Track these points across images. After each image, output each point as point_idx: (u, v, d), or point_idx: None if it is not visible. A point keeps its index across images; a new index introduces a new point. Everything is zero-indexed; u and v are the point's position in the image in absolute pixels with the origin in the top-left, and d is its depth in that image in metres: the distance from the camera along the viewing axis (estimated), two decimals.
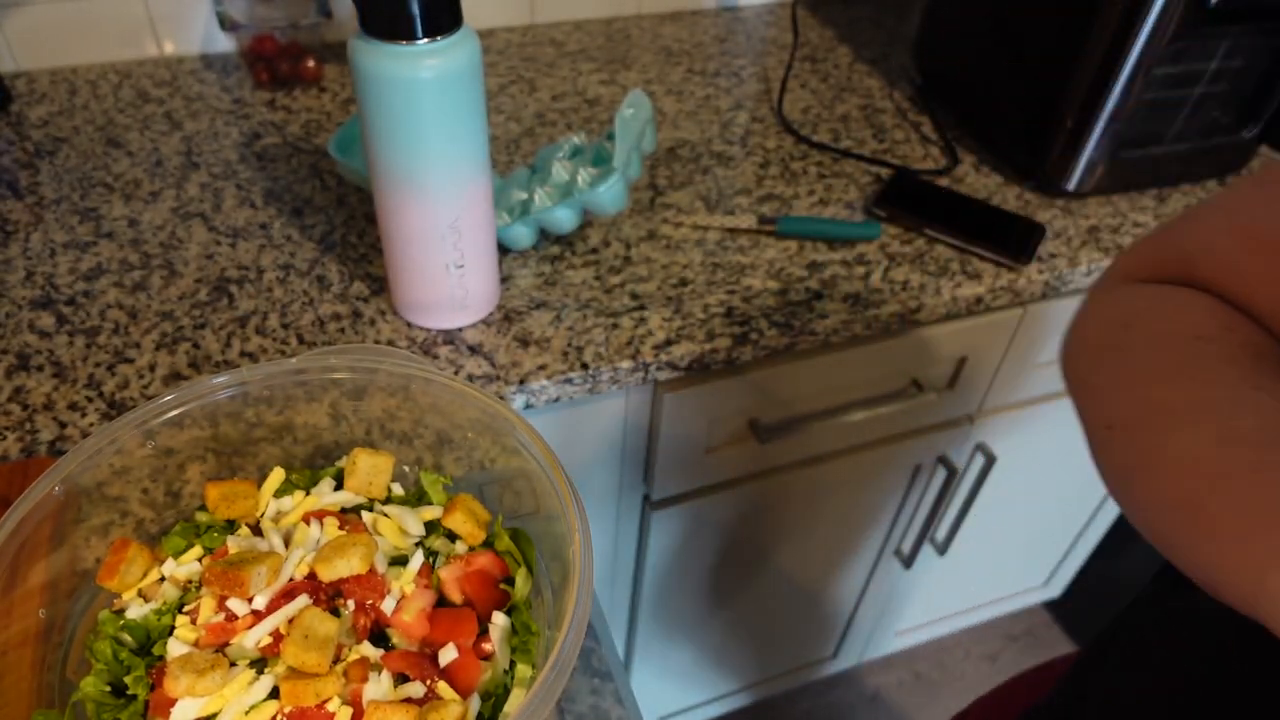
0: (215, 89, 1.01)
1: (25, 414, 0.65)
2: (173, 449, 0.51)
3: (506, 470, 0.51)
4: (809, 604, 1.26)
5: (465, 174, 0.64)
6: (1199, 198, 0.96)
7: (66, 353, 0.70)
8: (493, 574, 0.49)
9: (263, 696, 0.42)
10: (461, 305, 0.72)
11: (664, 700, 1.31)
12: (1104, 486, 0.42)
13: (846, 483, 1.03)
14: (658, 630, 1.14)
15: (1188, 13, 0.79)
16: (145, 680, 0.43)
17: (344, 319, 0.74)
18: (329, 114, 0.98)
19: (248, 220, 0.83)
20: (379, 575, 0.47)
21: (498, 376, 0.70)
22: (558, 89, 1.05)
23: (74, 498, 0.47)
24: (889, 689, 1.60)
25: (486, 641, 0.46)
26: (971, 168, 0.97)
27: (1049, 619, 1.70)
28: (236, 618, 0.45)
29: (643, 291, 0.78)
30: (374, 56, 0.57)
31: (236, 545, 0.48)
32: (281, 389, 0.52)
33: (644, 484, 0.91)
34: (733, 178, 0.93)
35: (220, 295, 0.75)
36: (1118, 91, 0.84)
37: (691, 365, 0.75)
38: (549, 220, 0.77)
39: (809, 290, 0.80)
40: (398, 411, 0.54)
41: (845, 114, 1.04)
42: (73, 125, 0.94)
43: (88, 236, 0.80)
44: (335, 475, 0.54)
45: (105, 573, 0.47)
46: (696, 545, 1.01)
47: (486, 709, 0.44)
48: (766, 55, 1.16)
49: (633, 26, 1.19)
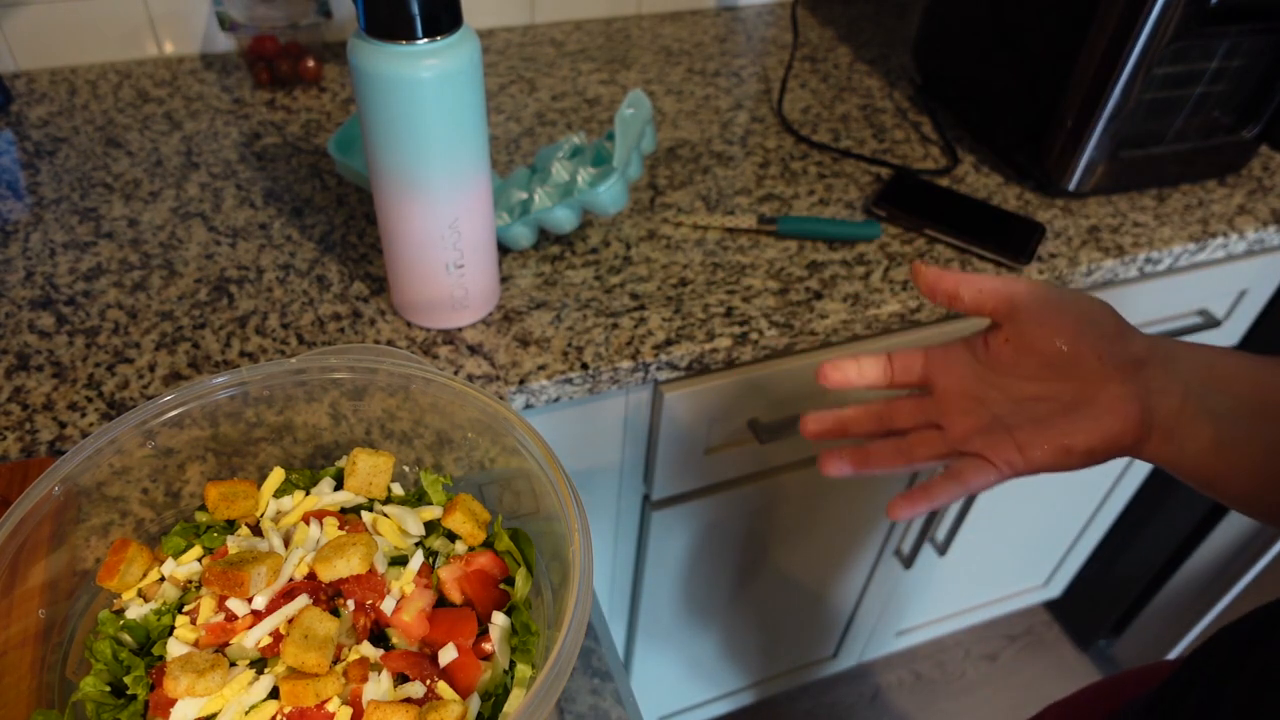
0: (215, 89, 1.01)
1: (25, 414, 0.65)
2: (173, 449, 0.51)
3: (506, 470, 0.51)
4: (809, 604, 1.26)
5: (465, 174, 0.64)
6: (1199, 198, 0.96)
7: (66, 353, 0.70)
8: (493, 574, 0.49)
9: (263, 696, 0.42)
10: (461, 305, 0.72)
11: (664, 700, 1.31)
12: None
13: (846, 483, 1.03)
14: (658, 630, 1.14)
15: (1188, 13, 0.79)
16: (145, 680, 0.43)
17: (344, 319, 0.74)
18: (329, 114, 0.98)
19: (248, 220, 0.83)
20: (379, 575, 0.47)
21: (498, 376, 0.70)
22: (558, 89, 1.05)
23: (74, 498, 0.47)
24: (889, 689, 1.60)
25: (486, 641, 0.46)
26: (971, 168, 0.97)
27: (1049, 619, 1.70)
28: (236, 618, 0.45)
29: (643, 291, 0.78)
30: (374, 56, 0.57)
31: (236, 545, 0.48)
32: (281, 389, 0.52)
33: (644, 484, 0.91)
34: (733, 178, 0.93)
35: (220, 295, 0.75)
36: (1118, 91, 0.84)
37: (691, 365, 0.75)
38: (549, 220, 0.77)
39: (809, 290, 0.80)
40: (398, 411, 0.54)
41: (845, 114, 1.04)
42: (73, 125, 0.94)
43: (88, 236, 0.80)
44: (335, 475, 0.54)
45: (105, 573, 0.47)
46: (696, 545, 1.01)
47: (486, 709, 0.44)
48: (766, 55, 1.16)
49: (633, 26, 1.19)
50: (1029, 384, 0.46)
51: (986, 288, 0.47)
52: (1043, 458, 0.44)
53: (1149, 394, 0.43)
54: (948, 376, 0.48)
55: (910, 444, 0.50)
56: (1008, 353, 0.46)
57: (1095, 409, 0.44)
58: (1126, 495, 1.36)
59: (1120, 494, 1.35)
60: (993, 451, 0.45)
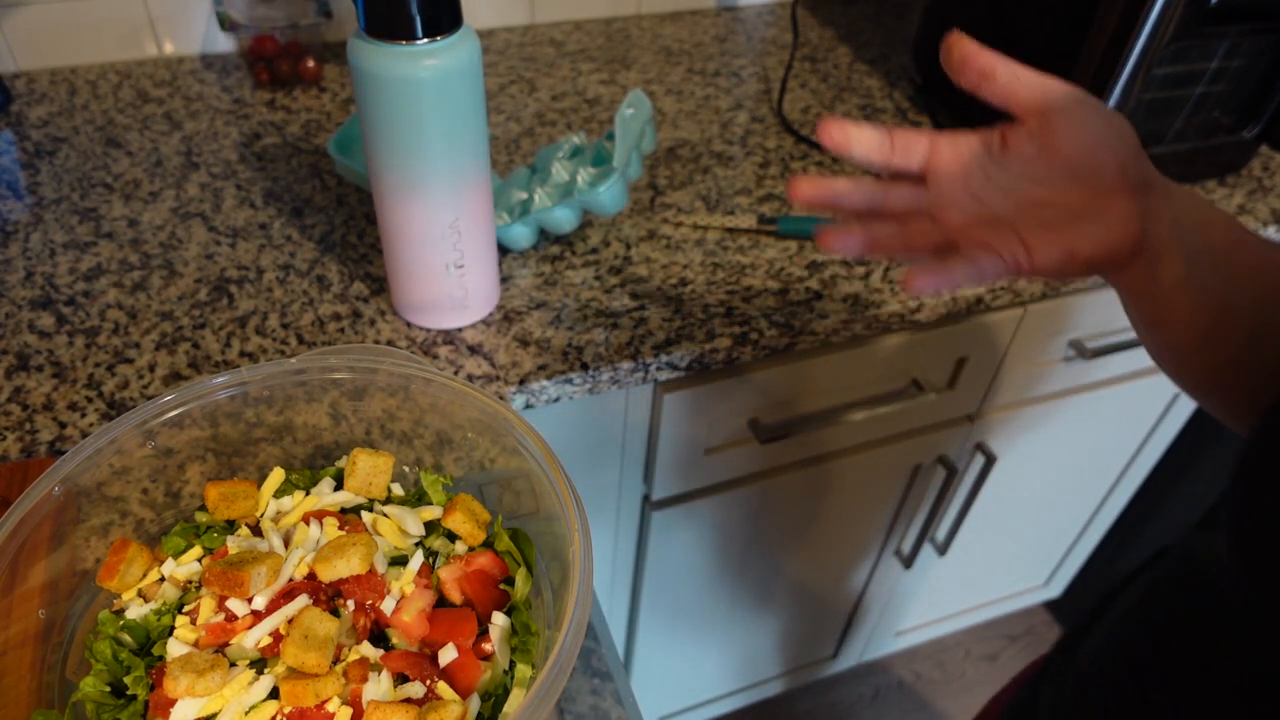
0: (215, 89, 1.01)
1: (25, 414, 0.65)
2: (173, 449, 0.51)
3: (506, 470, 0.51)
4: (809, 604, 1.26)
5: (465, 174, 0.64)
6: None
7: (66, 353, 0.70)
8: (492, 574, 0.49)
9: (262, 697, 0.42)
10: (461, 305, 0.72)
11: (664, 700, 1.31)
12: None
13: (846, 483, 1.03)
14: (658, 630, 1.14)
15: (1188, 13, 0.79)
16: (145, 680, 0.43)
17: (344, 319, 0.74)
18: (329, 114, 0.98)
19: (248, 220, 0.83)
20: (379, 575, 0.47)
21: (498, 376, 0.70)
22: (558, 89, 1.05)
23: (74, 498, 0.47)
24: (889, 689, 1.60)
25: (486, 641, 0.46)
26: None
27: (1049, 619, 1.70)
28: (236, 618, 0.45)
29: (643, 291, 0.78)
30: (374, 56, 0.57)
31: (236, 545, 0.48)
32: (281, 389, 0.52)
33: (644, 484, 0.91)
34: (733, 178, 0.93)
35: (220, 295, 0.75)
36: (1117, 91, 0.84)
37: (691, 365, 0.75)
38: (549, 220, 0.77)
39: (809, 290, 0.80)
40: (398, 411, 0.54)
41: (845, 114, 1.04)
42: (72, 125, 0.94)
43: (88, 236, 0.80)
44: (335, 475, 0.54)
45: (105, 573, 0.47)
46: (696, 545, 1.01)
47: (486, 709, 0.44)
48: (766, 55, 1.16)
49: (633, 26, 1.19)
50: (1039, 188, 0.45)
51: (1024, 75, 0.46)
52: (1048, 259, 0.44)
53: (1148, 216, 0.44)
54: (952, 166, 0.47)
55: (909, 231, 0.49)
56: (1029, 150, 0.45)
57: (1104, 219, 0.44)
58: (1127, 495, 1.36)
59: (1120, 494, 1.35)
60: (1000, 244, 0.45)
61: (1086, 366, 1.03)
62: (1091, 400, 1.10)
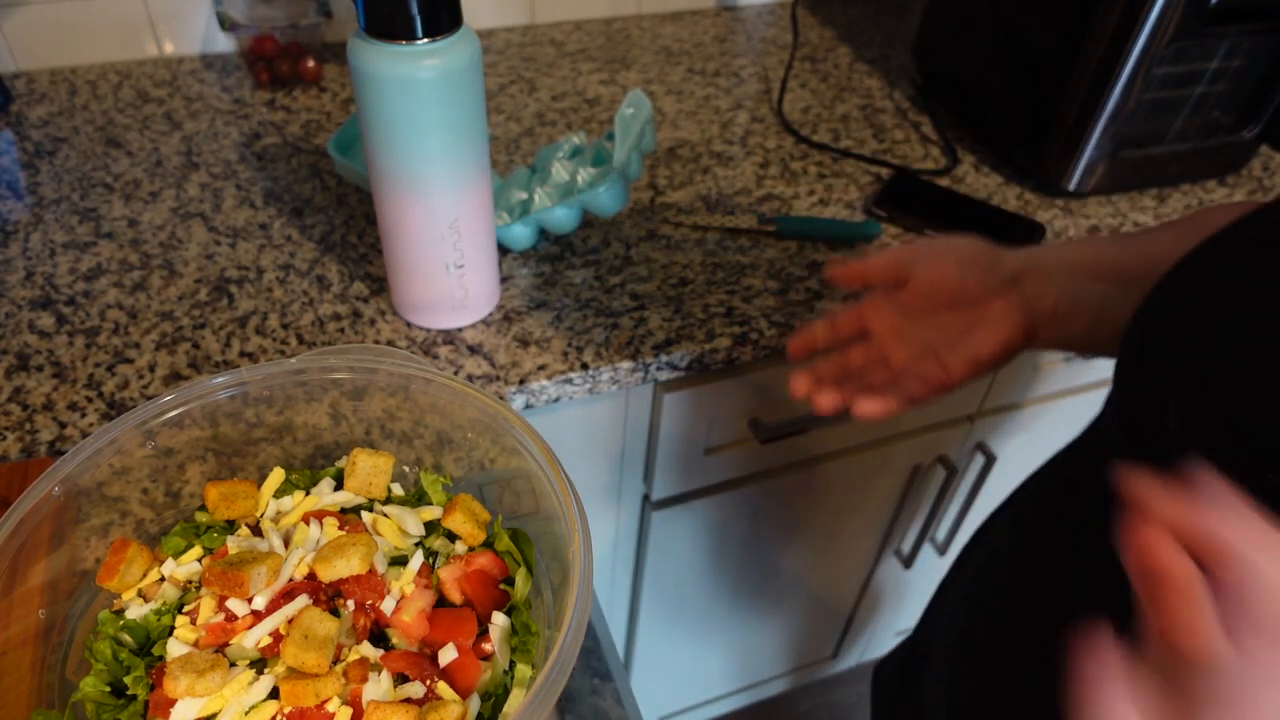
0: (215, 89, 1.01)
1: (25, 414, 0.65)
2: (173, 449, 0.51)
3: (506, 470, 0.51)
4: (809, 604, 1.26)
5: (465, 174, 0.64)
6: (1199, 198, 0.96)
7: (66, 353, 0.70)
8: (492, 574, 0.49)
9: (262, 696, 0.42)
10: (461, 305, 0.72)
11: (664, 700, 1.31)
12: None
13: (846, 483, 1.03)
14: (658, 630, 1.14)
15: (1188, 13, 0.79)
16: (145, 680, 0.43)
17: (344, 319, 0.74)
18: (329, 114, 0.98)
19: (248, 220, 0.83)
20: (379, 575, 0.47)
21: (498, 376, 0.70)
22: (558, 89, 1.05)
23: (74, 498, 0.47)
24: None
25: (486, 641, 0.46)
26: (971, 168, 0.97)
27: None
28: (236, 618, 0.45)
29: (643, 291, 0.78)
30: (374, 56, 0.57)
31: (236, 545, 0.48)
32: (281, 389, 0.52)
33: (644, 484, 0.91)
34: (733, 178, 0.93)
35: (220, 295, 0.75)
36: (1118, 91, 0.84)
37: (691, 365, 0.75)
38: (549, 220, 0.77)
39: (809, 290, 0.80)
40: (398, 411, 0.54)
41: (845, 114, 1.04)
42: (72, 125, 0.94)
43: (88, 236, 0.80)
44: (335, 475, 0.54)
45: (105, 573, 0.47)
46: (696, 545, 1.01)
47: (486, 709, 0.44)
48: (766, 55, 1.16)
49: (633, 26, 1.19)
50: (939, 316, 0.57)
51: (880, 263, 0.59)
52: (960, 369, 0.55)
53: (1027, 300, 0.54)
54: (881, 324, 0.60)
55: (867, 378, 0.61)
56: (915, 299, 0.58)
57: (989, 323, 0.55)
58: None
59: None
60: (923, 369, 0.55)
61: (1086, 367, 1.03)
62: (1091, 400, 1.10)
